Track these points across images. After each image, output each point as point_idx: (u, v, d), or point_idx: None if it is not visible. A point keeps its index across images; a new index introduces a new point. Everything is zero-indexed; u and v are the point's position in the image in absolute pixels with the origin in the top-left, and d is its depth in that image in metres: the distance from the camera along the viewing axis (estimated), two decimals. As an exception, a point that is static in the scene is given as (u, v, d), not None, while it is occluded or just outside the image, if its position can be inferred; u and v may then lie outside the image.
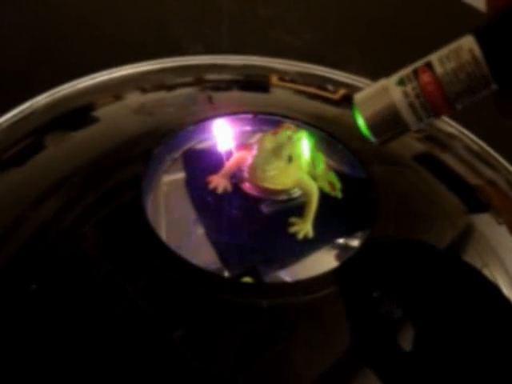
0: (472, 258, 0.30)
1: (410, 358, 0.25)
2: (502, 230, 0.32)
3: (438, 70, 0.23)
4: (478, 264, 0.29)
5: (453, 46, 0.23)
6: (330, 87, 0.42)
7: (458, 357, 0.26)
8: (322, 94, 0.41)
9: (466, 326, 0.27)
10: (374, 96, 0.24)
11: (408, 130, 0.25)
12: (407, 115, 0.24)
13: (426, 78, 0.23)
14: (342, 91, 0.41)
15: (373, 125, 0.25)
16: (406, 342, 0.26)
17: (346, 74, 0.43)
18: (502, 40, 0.22)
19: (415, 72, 0.24)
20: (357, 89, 0.41)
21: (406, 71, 0.24)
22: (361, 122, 0.25)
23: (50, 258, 0.27)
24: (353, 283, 0.27)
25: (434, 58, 0.24)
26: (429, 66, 0.23)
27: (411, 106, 0.24)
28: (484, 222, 0.32)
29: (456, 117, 0.38)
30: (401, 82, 0.24)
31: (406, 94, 0.24)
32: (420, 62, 0.24)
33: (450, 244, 0.30)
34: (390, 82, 0.24)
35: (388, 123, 0.24)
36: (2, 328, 0.25)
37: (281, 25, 0.53)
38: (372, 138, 0.25)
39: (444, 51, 0.23)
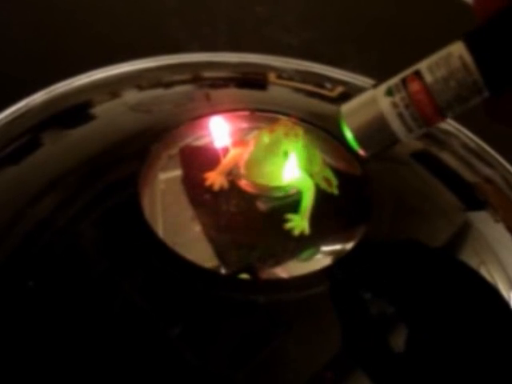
0: (469, 255, 0.30)
1: (408, 355, 0.25)
2: (499, 227, 0.32)
3: (428, 78, 0.23)
4: (474, 261, 0.29)
5: (442, 52, 0.23)
6: (328, 85, 0.42)
7: (455, 355, 0.26)
8: (319, 91, 0.41)
9: (462, 324, 0.27)
10: (362, 107, 0.24)
11: (398, 141, 0.24)
12: (396, 126, 0.23)
13: (414, 86, 0.23)
14: (339, 89, 0.41)
15: (361, 137, 0.24)
16: (402, 339, 0.26)
17: (344, 72, 0.43)
18: (493, 45, 0.22)
19: (403, 81, 0.23)
20: (354, 87, 0.42)
21: (394, 80, 0.23)
22: (349, 134, 0.24)
23: (46, 255, 0.27)
24: (349, 280, 0.27)
25: (422, 65, 0.23)
26: (417, 74, 0.23)
27: (400, 116, 0.23)
28: (481, 219, 0.32)
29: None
30: (389, 92, 0.23)
31: (394, 105, 0.23)
32: (408, 70, 0.23)
33: (447, 242, 0.30)
34: (378, 92, 0.23)
35: (377, 135, 0.24)
36: (-1, 325, 0.25)
37: (278, 23, 0.53)
38: (361, 151, 0.24)
39: (433, 59, 0.23)
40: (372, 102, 0.23)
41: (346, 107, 0.24)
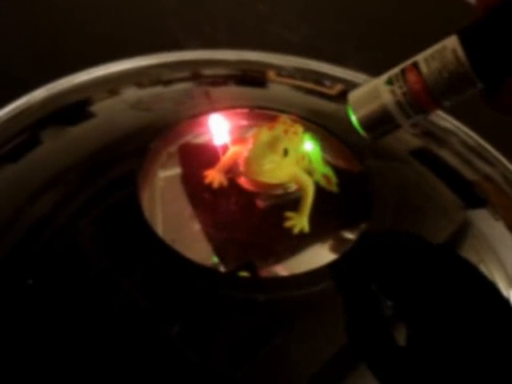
0: (468, 253, 0.30)
1: (407, 352, 0.25)
2: (499, 225, 0.32)
3: (424, 69, 0.24)
4: (474, 259, 0.29)
5: (438, 46, 0.24)
6: (327, 82, 0.42)
7: (455, 352, 0.26)
8: (319, 89, 0.41)
9: (462, 321, 0.27)
10: (366, 95, 0.26)
11: (398, 126, 0.26)
12: (395, 113, 0.25)
13: (412, 77, 0.24)
14: (339, 86, 0.41)
15: (364, 122, 0.26)
16: (402, 336, 0.26)
17: (344, 70, 0.43)
18: (484, 40, 0.23)
19: (403, 71, 0.25)
20: (353, 85, 0.41)
21: (395, 71, 0.25)
22: (354, 119, 0.26)
23: (46, 253, 0.27)
24: (349, 277, 0.27)
25: (420, 57, 0.25)
26: (415, 65, 0.24)
27: (399, 103, 0.25)
28: (480, 217, 0.32)
29: (452, 111, 0.38)
30: (389, 82, 0.25)
31: (393, 93, 0.25)
32: (408, 61, 0.25)
33: (447, 239, 0.30)
34: (380, 82, 0.25)
35: (378, 120, 0.26)
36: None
37: (279, 20, 0.53)
38: (365, 135, 0.26)
39: (429, 51, 0.24)
40: (374, 90, 0.26)
41: (352, 94, 0.27)
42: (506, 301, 0.28)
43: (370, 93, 0.26)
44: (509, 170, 0.36)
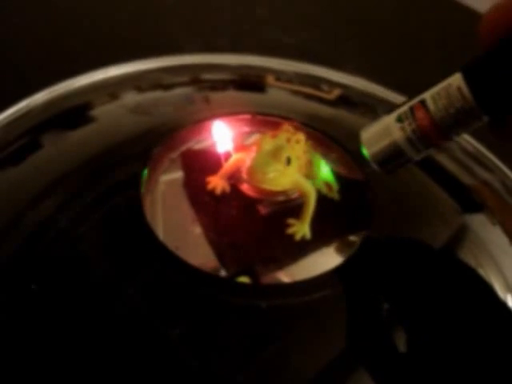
0: (466, 257, 0.30)
1: (408, 356, 0.25)
2: (497, 230, 0.32)
3: (431, 106, 0.25)
4: (472, 264, 0.30)
5: (443, 83, 0.25)
6: (326, 87, 0.42)
7: (454, 356, 0.26)
8: (318, 94, 0.41)
9: (460, 325, 0.27)
10: (377, 133, 0.27)
11: (410, 160, 0.27)
12: (406, 148, 0.26)
13: (420, 114, 0.25)
14: (337, 91, 0.41)
15: (378, 158, 0.27)
16: (402, 341, 0.26)
17: (343, 75, 0.43)
18: (487, 77, 0.24)
19: (411, 109, 0.26)
20: (353, 89, 0.42)
21: (404, 108, 0.26)
22: (367, 155, 0.28)
23: (47, 257, 0.27)
24: (350, 284, 0.27)
25: (427, 95, 0.25)
26: (423, 103, 0.25)
27: (409, 139, 0.26)
28: (478, 222, 0.33)
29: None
30: (399, 119, 0.26)
31: (403, 130, 0.26)
32: (415, 99, 0.26)
33: (445, 244, 0.31)
34: (390, 119, 0.27)
35: (391, 156, 0.27)
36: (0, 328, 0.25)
37: (278, 23, 0.53)
38: (378, 169, 0.28)
39: (436, 88, 0.25)
40: (385, 127, 0.27)
41: (364, 132, 0.28)
42: (504, 305, 0.28)
43: (381, 130, 0.27)
44: (507, 176, 0.36)
